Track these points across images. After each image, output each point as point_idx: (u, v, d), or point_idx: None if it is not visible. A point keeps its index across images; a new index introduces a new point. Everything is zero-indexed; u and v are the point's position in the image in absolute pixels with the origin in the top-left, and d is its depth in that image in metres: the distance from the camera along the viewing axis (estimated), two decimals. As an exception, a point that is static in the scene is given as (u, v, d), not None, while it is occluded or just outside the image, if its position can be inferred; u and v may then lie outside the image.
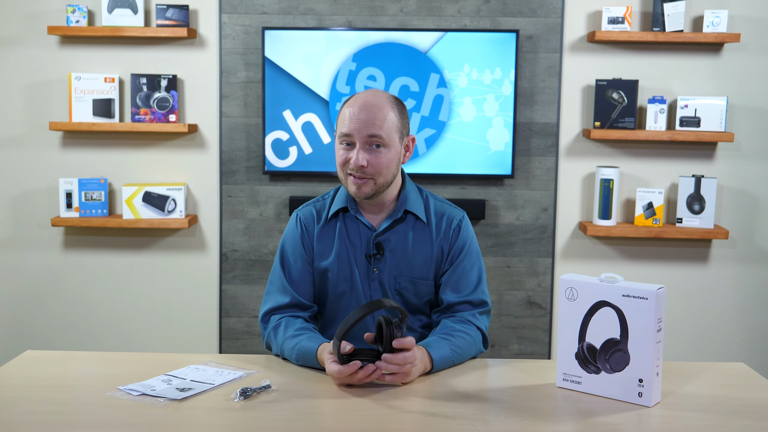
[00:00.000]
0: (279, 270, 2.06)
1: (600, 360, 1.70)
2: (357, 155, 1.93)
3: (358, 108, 1.94)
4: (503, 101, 3.43)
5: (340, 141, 1.97)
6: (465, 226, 2.07)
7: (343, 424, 1.58)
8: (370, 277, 2.03)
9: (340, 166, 1.98)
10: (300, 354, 1.88)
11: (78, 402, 1.66)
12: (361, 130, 1.93)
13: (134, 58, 3.50)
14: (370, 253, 2.02)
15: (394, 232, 2.03)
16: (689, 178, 3.46)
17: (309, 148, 3.47)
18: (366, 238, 2.04)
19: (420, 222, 2.05)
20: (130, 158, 3.56)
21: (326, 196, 2.12)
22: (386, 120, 1.94)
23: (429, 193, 2.11)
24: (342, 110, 1.99)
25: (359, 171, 1.94)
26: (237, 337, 3.63)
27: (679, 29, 3.38)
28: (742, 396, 1.74)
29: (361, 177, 1.95)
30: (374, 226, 2.04)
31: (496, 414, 1.62)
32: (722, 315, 3.62)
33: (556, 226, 3.58)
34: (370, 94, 1.98)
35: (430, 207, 2.07)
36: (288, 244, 2.08)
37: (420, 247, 2.03)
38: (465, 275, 2.03)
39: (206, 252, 3.60)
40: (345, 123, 1.95)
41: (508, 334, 3.62)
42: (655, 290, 1.63)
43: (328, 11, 3.46)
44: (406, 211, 2.04)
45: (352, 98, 1.99)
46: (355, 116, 1.93)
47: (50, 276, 3.62)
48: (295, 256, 2.06)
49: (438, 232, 2.05)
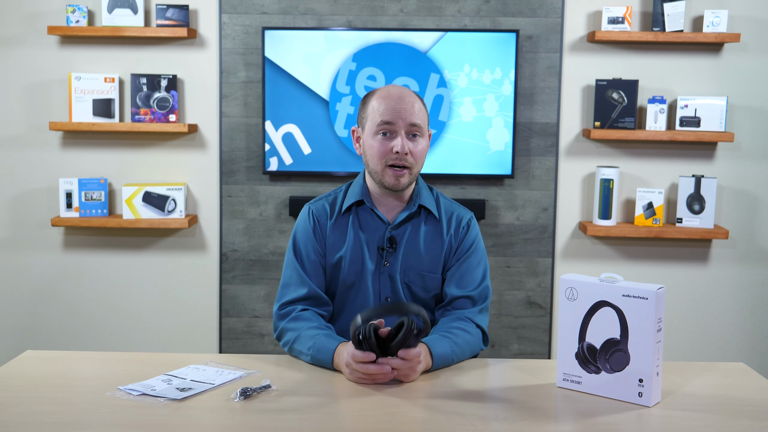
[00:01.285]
0: (294, 263, 2.06)
1: (600, 360, 1.70)
2: (402, 143, 1.95)
3: (396, 98, 1.96)
4: (503, 101, 3.43)
5: (377, 131, 1.97)
6: (473, 226, 2.11)
7: (343, 424, 1.58)
8: (380, 270, 2.05)
9: (380, 156, 1.97)
10: (316, 348, 1.88)
11: (78, 402, 1.66)
12: (405, 118, 1.95)
13: (134, 58, 3.50)
14: (383, 246, 2.04)
15: (408, 226, 2.07)
16: (689, 178, 3.46)
17: (308, 148, 3.47)
18: (380, 231, 2.06)
19: (432, 217, 2.08)
20: (130, 158, 3.56)
21: (338, 191, 2.14)
22: (420, 111, 1.99)
23: (438, 192, 2.16)
24: (371, 104, 2.00)
25: (401, 160, 1.95)
26: (237, 337, 3.63)
27: (679, 29, 3.38)
28: (742, 396, 1.74)
29: (402, 167, 1.97)
30: (389, 220, 2.06)
31: (496, 414, 1.62)
32: (722, 315, 3.62)
33: (556, 226, 3.58)
34: (398, 88, 2.01)
35: (440, 204, 2.11)
36: (300, 237, 2.08)
37: (431, 241, 2.07)
38: (470, 271, 2.06)
39: (206, 252, 3.60)
40: (383, 112, 1.95)
41: (508, 334, 3.62)
42: (655, 290, 1.63)
43: (328, 11, 3.46)
44: (420, 205, 2.07)
45: (380, 92, 2.00)
46: (394, 106, 1.95)
47: (50, 276, 3.62)
48: (308, 249, 2.06)
49: (449, 228, 2.08)
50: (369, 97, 2.03)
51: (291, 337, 1.96)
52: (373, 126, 1.98)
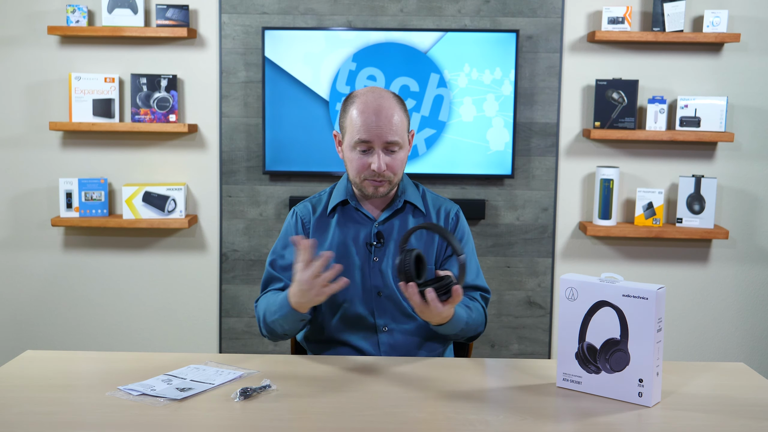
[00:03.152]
0: (272, 263, 2.11)
1: (600, 360, 1.70)
2: (379, 161, 1.98)
3: (374, 114, 1.97)
4: (503, 101, 3.43)
5: (355, 146, 1.99)
6: (461, 218, 2.17)
7: (343, 424, 1.58)
8: (370, 265, 2.07)
9: (358, 171, 2.01)
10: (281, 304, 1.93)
11: (78, 402, 1.66)
12: (381, 136, 1.97)
13: (134, 58, 3.50)
14: (371, 241, 2.07)
15: (396, 221, 2.10)
16: (689, 178, 3.46)
17: (308, 148, 3.46)
18: (366, 228, 2.09)
19: (419, 212, 2.13)
20: (130, 158, 3.56)
21: (323, 193, 2.18)
22: (399, 123, 2.00)
23: (425, 188, 2.20)
24: (350, 113, 2.00)
25: (379, 176, 2.00)
26: (237, 337, 3.63)
27: (679, 29, 3.38)
28: (742, 396, 1.75)
29: (380, 179, 2.00)
30: (374, 217, 2.10)
31: (496, 414, 1.62)
32: (722, 315, 3.62)
33: (556, 226, 3.58)
34: (377, 97, 2.00)
35: (427, 199, 2.17)
36: (281, 238, 2.13)
37: (421, 235, 2.10)
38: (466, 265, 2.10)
39: (206, 252, 3.60)
40: (361, 129, 1.97)
41: (508, 334, 3.62)
42: (655, 290, 1.63)
43: (328, 11, 3.46)
44: (405, 201, 2.11)
45: (359, 101, 2.00)
46: (373, 123, 1.96)
47: (50, 276, 3.62)
48: (287, 249, 2.10)
49: (437, 220, 2.13)
50: (349, 104, 2.03)
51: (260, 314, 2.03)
52: (351, 140, 2.00)
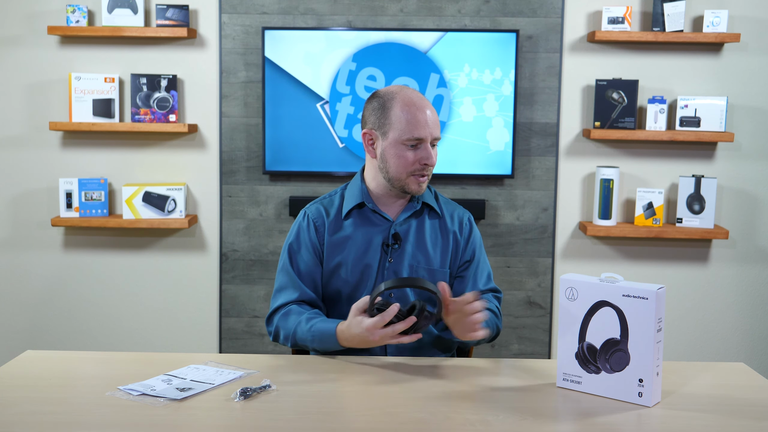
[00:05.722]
0: (287, 268, 2.09)
1: (600, 360, 1.70)
2: (433, 156, 2.03)
3: (424, 111, 2.02)
4: (503, 101, 3.43)
5: (406, 143, 2.01)
6: (474, 225, 2.19)
7: (343, 424, 1.58)
8: (383, 266, 2.07)
9: (406, 166, 2.02)
10: (317, 335, 1.94)
11: (78, 402, 1.66)
12: (433, 133, 2.03)
13: (134, 58, 3.50)
14: (388, 242, 2.07)
15: (413, 222, 2.10)
16: (689, 178, 3.46)
17: (308, 148, 3.46)
18: (384, 230, 2.08)
19: (434, 213, 2.14)
20: (130, 158, 3.56)
21: (333, 194, 2.16)
22: (438, 119, 2.08)
23: (435, 189, 2.21)
24: (395, 111, 2.02)
25: (427, 169, 2.04)
26: (237, 337, 3.63)
27: (679, 29, 3.38)
28: (742, 396, 1.75)
29: (425, 175, 2.05)
30: (392, 218, 2.10)
31: (496, 414, 1.62)
32: (722, 315, 3.62)
33: (556, 226, 3.58)
34: (418, 95, 2.06)
35: (440, 202, 2.17)
36: (295, 242, 2.11)
37: (437, 237, 2.11)
38: (482, 270, 2.15)
39: (206, 252, 3.60)
40: (413, 127, 2.01)
41: (508, 334, 3.62)
42: (655, 290, 1.63)
43: (328, 11, 3.46)
44: (423, 203, 2.12)
45: (401, 99, 2.03)
46: (426, 121, 2.02)
47: (50, 276, 3.62)
48: (303, 254, 2.08)
49: (452, 224, 2.14)
50: (390, 103, 2.03)
51: (287, 333, 2.02)
52: (401, 137, 2.01)
